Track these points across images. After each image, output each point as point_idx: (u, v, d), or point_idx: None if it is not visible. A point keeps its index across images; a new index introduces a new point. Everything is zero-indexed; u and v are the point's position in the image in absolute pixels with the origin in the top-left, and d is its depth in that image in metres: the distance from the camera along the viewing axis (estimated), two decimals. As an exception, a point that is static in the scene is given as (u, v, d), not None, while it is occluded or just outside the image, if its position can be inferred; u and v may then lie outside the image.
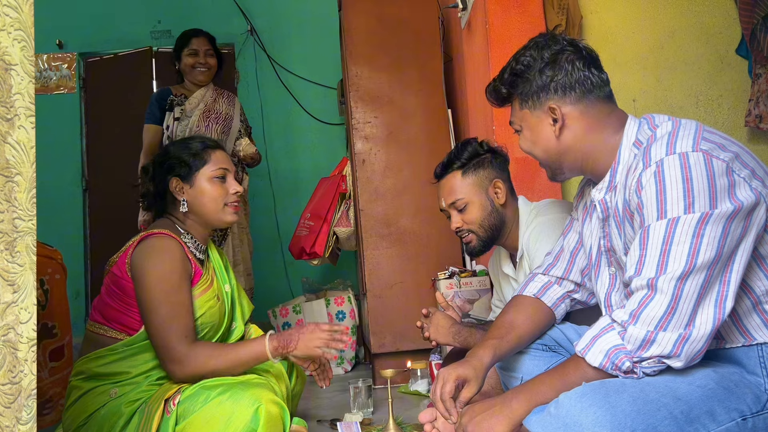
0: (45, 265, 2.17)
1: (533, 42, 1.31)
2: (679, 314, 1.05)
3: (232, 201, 1.88)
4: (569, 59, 1.26)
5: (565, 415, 1.01)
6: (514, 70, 1.31)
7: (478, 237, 1.82)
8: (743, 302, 1.12)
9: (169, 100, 3.13)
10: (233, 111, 3.22)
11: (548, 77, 1.26)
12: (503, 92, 1.34)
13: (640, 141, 1.21)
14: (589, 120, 1.26)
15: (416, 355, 2.78)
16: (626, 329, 1.09)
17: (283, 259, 4.51)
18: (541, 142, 1.31)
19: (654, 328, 1.06)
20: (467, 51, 2.87)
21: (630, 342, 1.08)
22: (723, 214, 1.04)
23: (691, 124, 1.15)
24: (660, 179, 1.08)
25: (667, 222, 1.07)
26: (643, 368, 1.08)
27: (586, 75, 1.26)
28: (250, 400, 1.57)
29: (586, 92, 1.26)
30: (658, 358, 1.06)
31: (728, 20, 2.74)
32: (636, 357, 1.07)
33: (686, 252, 1.05)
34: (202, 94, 3.16)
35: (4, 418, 0.94)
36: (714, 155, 1.07)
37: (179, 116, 3.09)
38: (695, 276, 1.05)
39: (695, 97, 2.72)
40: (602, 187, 1.28)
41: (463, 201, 1.81)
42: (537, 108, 1.29)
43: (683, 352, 1.05)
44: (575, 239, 1.45)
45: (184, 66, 3.17)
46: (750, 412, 1.06)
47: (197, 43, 3.16)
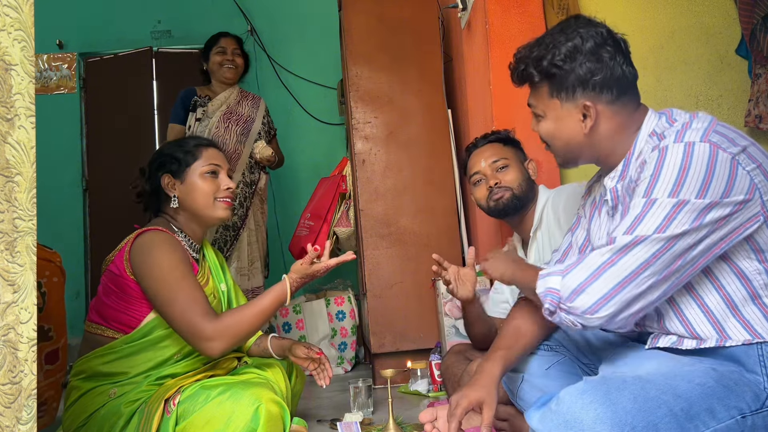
0: (43, 268, 2.17)
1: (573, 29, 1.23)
2: (618, 268, 1.08)
3: (223, 196, 1.88)
4: (611, 54, 1.21)
5: (566, 411, 1.01)
6: (553, 61, 1.22)
7: (512, 193, 1.91)
8: (739, 292, 1.12)
9: (192, 100, 3.20)
10: (256, 114, 3.29)
11: (589, 72, 1.20)
12: (534, 78, 1.26)
13: (655, 132, 1.21)
14: (620, 119, 1.24)
15: (416, 355, 2.78)
16: (565, 275, 1.13)
17: (283, 259, 4.50)
18: (566, 134, 1.27)
19: (586, 278, 1.10)
20: (467, 51, 2.87)
21: (564, 288, 1.13)
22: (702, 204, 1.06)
23: (706, 117, 1.16)
24: (660, 161, 1.10)
25: (646, 201, 1.09)
26: (561, 316, 1.14)
27: (625, 72, 1.22)
28: (250, 399, 1.57)
29: (622, 92, 1.22)
30: (578, 314, 1.12)
31: (728, 20, 2.74)
32: (564, 307, 1.13)
33: (656, 225, 1.07)
34: (226, 96, 3.24)
35: (4, 418, 0.94)
36: (722, 147, 1.08)
37: (201, 117, 3.16)
38: (652, 242, 1.07)
39: (695, 97, 2.72)
40: (615, 176, 1.28)
41: (505, 162, 1.93)
42: (569, 101, 1.24)
43: (602, 311, 1.09)
44: (583, 236, 1.44)
45: (212, 64, 3.25)
46: (749, 410, 1.06)
47: (226, 42, 3.26)
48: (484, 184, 1.94)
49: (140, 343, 1.73)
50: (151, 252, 1.72)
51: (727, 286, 1.13)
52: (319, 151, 4.73)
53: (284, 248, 4.29)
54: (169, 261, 1.71)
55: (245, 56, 3.33)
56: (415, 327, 2.91)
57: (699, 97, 2.73)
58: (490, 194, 1.92)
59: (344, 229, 3.33)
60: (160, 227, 1.79)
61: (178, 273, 1.70)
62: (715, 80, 2.73)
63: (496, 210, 1.92)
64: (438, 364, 2.48)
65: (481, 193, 1.95)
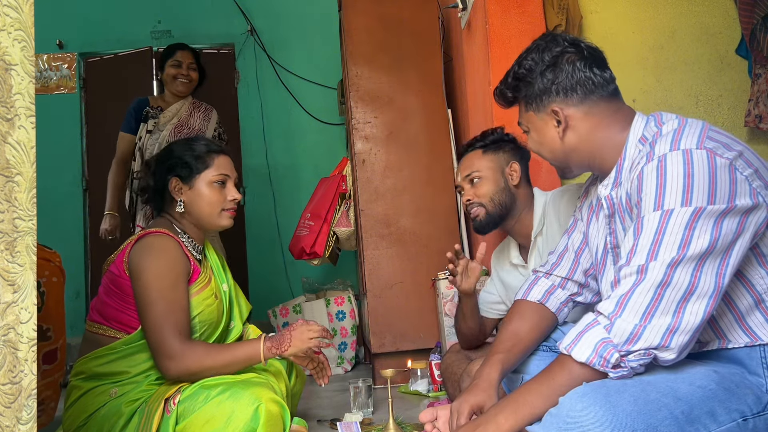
0: (42, 268, 2.17)
1: (534, 44, 1.32)
2: (666, 302, 1.04)
3: (229, 207, 1.89)
4: (570, 60, 1.26)
5: (566, 414, 1.00)
6: (516, 75, 1.32)
7: (486, 211, 1.88)
8: (745, 299, 1.12)
9: (144, 111, 3.14)
10: (207, 125, 3.19)
11: (549, 80, 1.27)
12: (508, 96, 1.37)
13: (645, 137, 1.21)
14: (593, 120, 1.27)
15: (416, 355, 2.79)
16: (613, 323, 1.07)
17: (283, 259, 4.51)
18: (547, 143, 1.32)
19: (640, 320, 1.05)
20: (467, 51, 2.87)
21: (617, 335, 1.06)
22: (717, 210, 1.04)
23: (697, 123, 1.15)
24: (661, 173, 1.08)
25: (662, 213, 1.07)
26: (630, 361, 1.07)
27: (588, 75, 1.26)
28: (250, 399, 1.57)
29: (588, 93, 1.26)
30: (645, 350, 1.05)
31: (728, 20, 2.74)
32: (623, 351, 1.06)
33: (678, 241, 1.05)
34: (177, 108, 3.15)
35: (4, 418, 0.94)
36: (718, 153, 1.07)
37: (152, 129, 3.09)
38: (685, 265, 1.04)
39: (695, 97, 2.72)
40: (608, 183, 1.27)
41: (477, 174, 1.90)
42: (541, 110, 1.30)
43: (672, 342, 1.04)
44: (580, 239, 1.44)
45: (165, 76, 3.18)
46: (751, 413, 1.06)
47: (182, 56, 3.16)
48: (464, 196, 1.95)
49: (141, 343, 1.73)
50: (148, 256, 1.73)
51: (731, 293, 1.12)
52: (319, 151, 4.73)
53: (284, 248, 4.29)
54: (158, 269, 1.71)
55: (201, 70, 3.23)
56: (415, 327, 2.91)
57: (699, 97, 2.73)
58: (467, 209, 1.93)
59: (344, 229, 3.33)
60: (164, 230, 1.79)
61: (166, 282, 1.71)
62: (715, 80, 2.73)
63: (476, 228, 1.93)
64: (438, 364, 2.48)
65: (465, 207, 1.97)
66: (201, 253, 1.94)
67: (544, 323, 1.44)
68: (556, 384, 1.11)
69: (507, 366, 1.35)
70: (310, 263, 3.51)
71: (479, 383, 1.29)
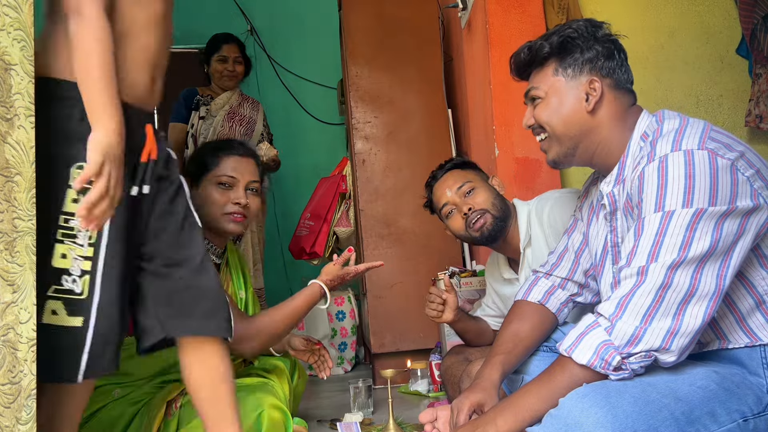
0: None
1: (581, 20, 1.31)
2: (667, 304, 1.04)
3: (232, 211, 1.79)
4: (617, 47, 1.28)
5: (567, 415, 1.00)
6: (563, 34, 1.27)
7: (492, 216, 1.80)
8: (746, 301, 1.12)
9: (195, 99, 3.23)
10: (257, 116, 3.33)
11: (598, 52, 1.26)
12: (544, 52, 1.28)
13: (646, 134, 1.21)
14: (616, 107, 1.26)
15: (416, 355, 2.78)
16: (614, 325, 1.07)
17: (283, 259, 4.50)
18: (566, 112, 1.26)
19: (641, 323, 1.05)
20: (467, 51, 2.87)
21: (618, 338, 1.06)
22: (718, 211, 1.04)
23: (699, 123, 1.15)
24: (663, 174, 1.08)
25: (663, 215, 1.06)
26: (631, 363, 1.06)
27: (625, 66, 1.28)
28: (253, 405, 1.57)
29: (621, 81, 1.27)
30: (646, 352, 1.05)
31: (728, 20, 2.74)
32: (624, 353, 1.06)
33: (679, 243, 1.04)
34: (227, 97, 3.26)
35: (4, 418, 0.94)
36: (719, 154, 1.07)
37: (204, 115, 3.19)
38: (686, 267, 1.04)
39: (695, 97, 2.72)
40: (610, 180, 1.27)
41: (470, 184, 1.86)
42: (576, 78, 1.26)
43: (673, 345, 1.04)
44: (579, 239, 1.43)
45: (212, 71, 3.28)
46: (751, 413, 1.06)
47: (227, 50, 3.26)
48: (457, 213, 1.85)
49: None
50: None
51: (732, 294, 1.12)
52: (319, 151, 4.72)
53: (284, 248, 4.28)
54: None
55: (247, 61, 3.33)
56: (415, 327, 2.91)
57: (699, 97, 2.72)
58: (468, 222, 1.81)
59: (344, 229, 3.33)
60: None
61: None
62: (716, 80, 2.73)
63: (483, 238, 1.82)
64: (438, 364, 2.48)
65: (458, 224, 1.85)
66: (220, 257, 1.89)
67: (544, 324, 1.44)
68: (556, 386, 1.10)
69: (508, 367, 1.35)
70: (310, 263, 3.51)
71: (480, 383, 1.29)
